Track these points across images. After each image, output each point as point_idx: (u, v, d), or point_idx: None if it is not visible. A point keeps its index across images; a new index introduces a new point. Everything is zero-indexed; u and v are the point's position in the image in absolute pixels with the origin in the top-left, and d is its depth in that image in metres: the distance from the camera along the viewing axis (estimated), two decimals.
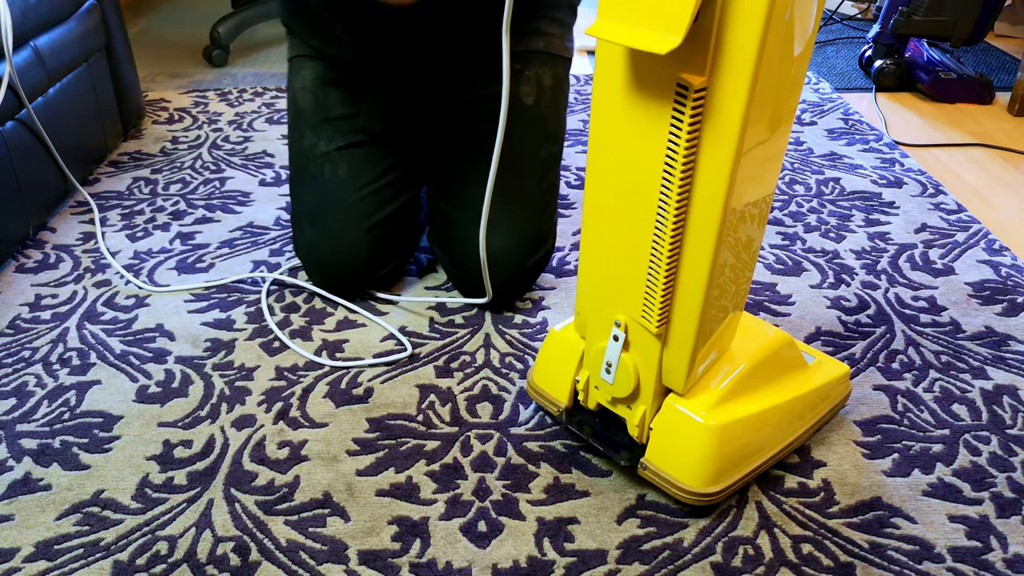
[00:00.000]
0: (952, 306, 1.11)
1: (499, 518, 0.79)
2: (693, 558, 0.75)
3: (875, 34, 1.87)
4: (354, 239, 1.07)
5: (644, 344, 0.75)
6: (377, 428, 0.89)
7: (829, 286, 1.15)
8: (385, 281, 1.13)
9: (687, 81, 0.59)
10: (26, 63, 1.21)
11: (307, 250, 1.10)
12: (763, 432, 0.80)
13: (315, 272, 1.11)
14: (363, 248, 1.07)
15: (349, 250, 1.07)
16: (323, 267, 1.09)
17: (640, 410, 0.79)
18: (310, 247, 1.09)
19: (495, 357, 1.00)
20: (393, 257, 1.12)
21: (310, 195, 1.09)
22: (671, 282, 0.69)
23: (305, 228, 1.09)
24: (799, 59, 0.63)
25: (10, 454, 0.85)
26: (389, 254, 1.11)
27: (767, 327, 0.85)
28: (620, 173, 0.67)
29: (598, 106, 0.67)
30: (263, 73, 1.99)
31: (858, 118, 1.70)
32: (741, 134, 0.59)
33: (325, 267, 1.09)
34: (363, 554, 0.75)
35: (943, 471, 0.84)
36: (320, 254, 1.08)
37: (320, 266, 1.09)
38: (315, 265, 1.10)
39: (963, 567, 0.74)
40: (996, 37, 2.23)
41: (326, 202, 1.07)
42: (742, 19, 0.55)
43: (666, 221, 0.65)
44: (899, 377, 0.97)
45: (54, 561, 0.74)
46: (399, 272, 1.17)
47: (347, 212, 1.07)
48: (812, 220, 1.32)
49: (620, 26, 0.58)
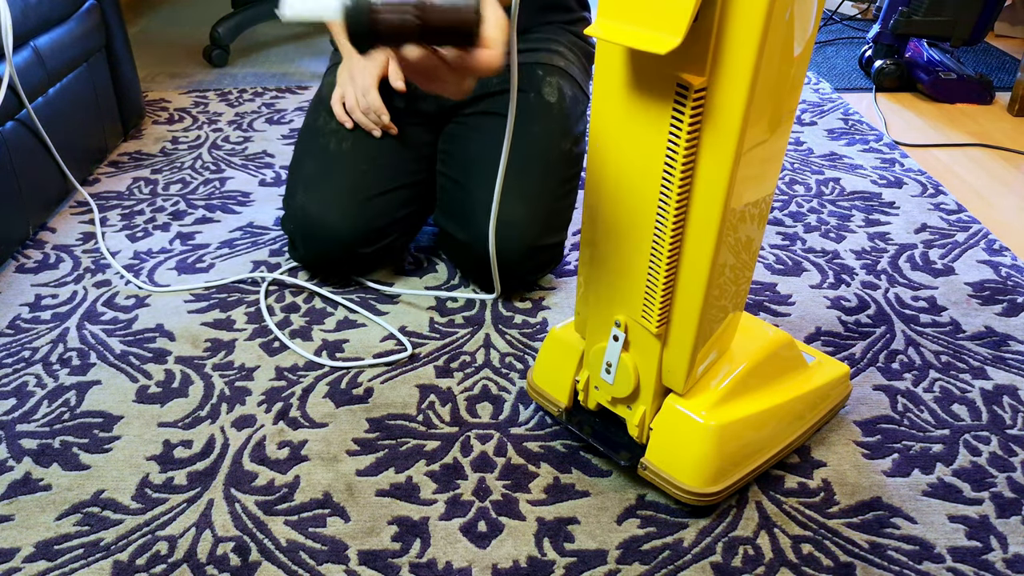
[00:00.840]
0: (952, 306, 1.11)
1: (499, 518, 0.79)
2: (693, 558, 0.75)
3: (875, 34, 1.87)
4: (346, 207, 1.05)
5: (644, 344, 0.75)
6: (377, 428, 0.89)
7: (829, 286, 1.15)
8: (372, 263, 1.12)
9: (687, 81, 0.59)
10: (26, 63, 1.21)
11: (295, 216, 1.08)
12: (763, 432, 0.80)
13: (300, 240, 1.09)
14: (353, 218, 1.05)
15: (338, 217, 1.05)
16: (308, 234, 1.07)
17: (640, 410, 0.79)
18: (299, 212, 1.07)
19: (495, 357, 1.00)
20: (383, 238, 1.10)
21: (310, 164, 1.09)
22: (671, 282, 0.69)
23: (298, 194, 1.08)
24: (799, 59, 0.63)
25: (10, 454, 0.85)
26: (379, 234, 1.09)
27: (767, 327, 0.85)
28: (620, 173, 0.67)
29: (598, 106, 0.67)
30: (263, 73, 1.99)
31: (858, 118, 1.70)
32: (741, 134, 0.59)
33: (310, 233, 1.07)
34: (363, 554, 0.75)
35: (943, 471, 0.84)
36: (307, 217, 1.06)
37: (306, 232, 1.07)
38: (301, 231, 1.08)
39: (963, 567, 0.74)
40: (996, 37, 2.23)
41: (326, 171, 1.07)
42: (742, 19, 0.55)
43: (666, 221, 0.65)
44: (899, 377, 0.97)
45: (54, 561, 0.74)
46: (389, 258, 1.15)
47: (346, 180, 1.06)
48: (812, 220, 1.32)
49: (620, 26, 0.58)
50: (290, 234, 1.11)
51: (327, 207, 1.06)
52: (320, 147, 1.10)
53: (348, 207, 1.06)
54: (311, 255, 1.10)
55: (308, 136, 1.12)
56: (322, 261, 1.09)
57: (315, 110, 1.14)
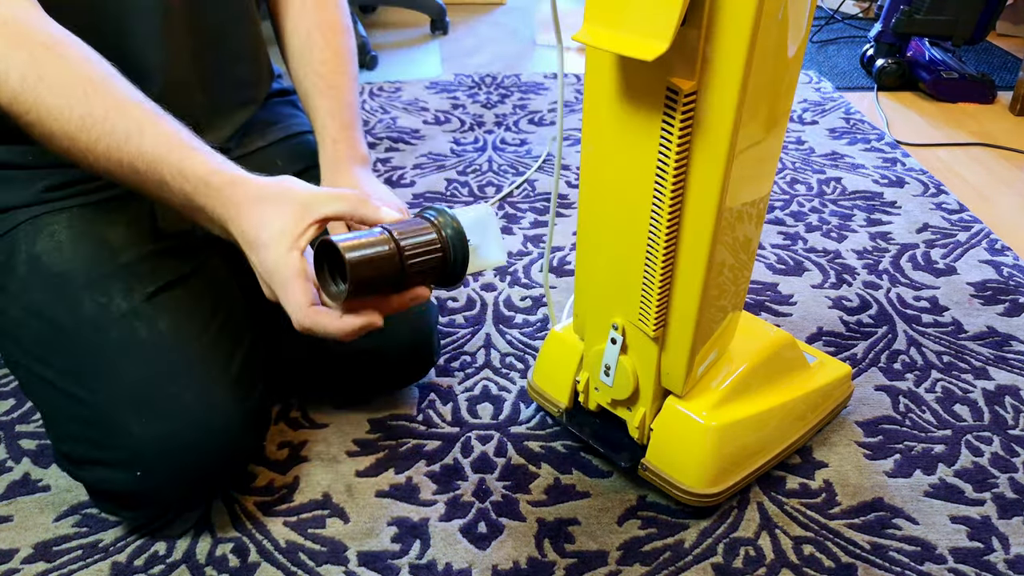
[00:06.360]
0: (954, 306, 1.10)
1: (499, 519, 0.78)
2: (694, 559, 0.75)
3: (877, 33, 1.86)
4: (220, 404, 0.72)
5: (642, 347, 0.74)
6: (377, 429, 0.89)
7: (831, 286, 1.14)
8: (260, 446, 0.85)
9: (677, 86, 0.58)
10: None
11: (137, 457, 0.69)
12: (764, 433, 0.80)
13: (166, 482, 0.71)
14: (234, 411, 0.73)
15: (219, 421, 0.71)
16: (179, 467, 0.70)
17: (640, 412, 0.78)
18: (145, 447, 0.69)
19: (495, 357, 1.00)
20: (269, 409, 0.83)
21: (123, 377, 0.70)
22: (667, 286, 0.69)
23: (130, 425, 0.69)
24: (793, 59, 0.63)
25: (9, 455, 0.85)
26: (265, 406, 0.80)
27: (768, 327, 0.85)
28: (613, 177, 0.67)
29: (589, 110, 0.66)
30: None
31: (860, 117, 1.70)
32: (733, 137, 0.59)
33: (182, 465, 0.70)
34: (362, 555, 0.75)
35: (945, 472, 0.84)
36: (169, 449, 0.69)
37: (174, 467, 0.70)
38: (166, 470, 0.70)
39: (965, 568, 0.74)
40: (998, 36, 2.23)
41: (156, 374, 0.70)
42: (730, 22, 0.54)
43: (660, 225, 0.65)
44: (901, 377, 0.97)
45: (53, 562, 0.74)
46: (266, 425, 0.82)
47: (196, 372, 0.72)
48: (813, 220, 1.31)
49: (607, 32, 0.57)
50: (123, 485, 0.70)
51: (195, 419, 0.70)
52: (119, 347, 0.70)
53: (224, 403, 0.72)
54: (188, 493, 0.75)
55: (82, 341, 0.70)
56: (205, 487, 0.76)
57: (60, 301, 0.71)
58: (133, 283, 0.73)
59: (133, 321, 0.71)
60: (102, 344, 0.70)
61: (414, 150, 1.52)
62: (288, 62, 0.84)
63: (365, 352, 0.84)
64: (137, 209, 0.75)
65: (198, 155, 0.61)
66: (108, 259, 0.73)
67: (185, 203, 0.62)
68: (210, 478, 0.74)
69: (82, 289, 0.71)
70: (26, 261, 0.72)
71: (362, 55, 1.90)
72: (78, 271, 0.72)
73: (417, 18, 2.31)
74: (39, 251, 0.72)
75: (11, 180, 0.73)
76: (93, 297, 0.71)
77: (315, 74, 0.81)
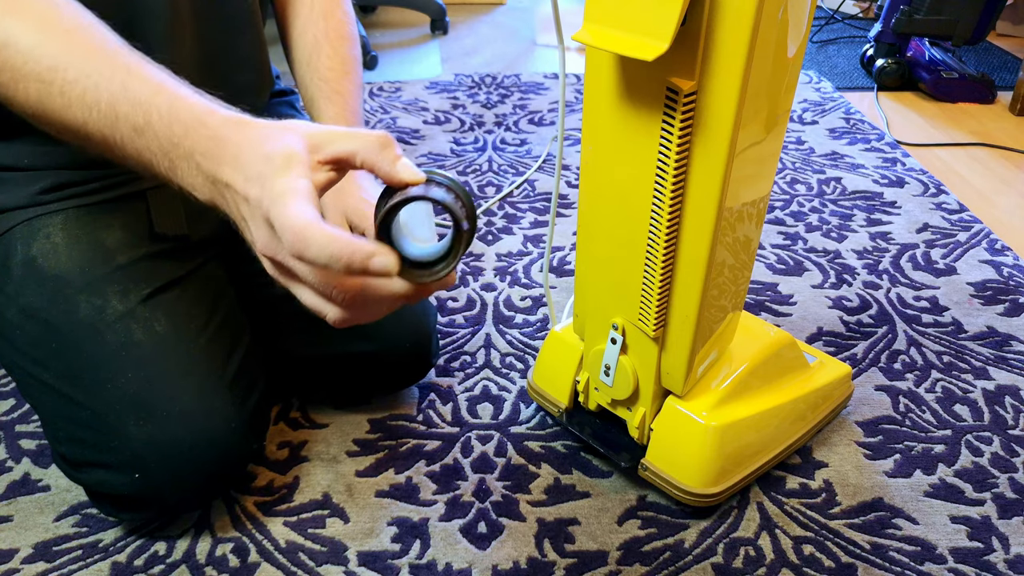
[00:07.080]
0: (954, 306, 1.10)
1: (499, 519, 0.78)
2: (694, 559, 0.75)
3: (877, 33, 1.86)
4: (219, 406, 0.72)
5: (642, 347, 0.74)
6: (377, 429, 0.89)
7: (831, 286, 1.14)
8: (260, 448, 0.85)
9: (677, 85, 0.58)
10: None
11: (135, 460, 0.69)
12: (764, 433, 0.80)
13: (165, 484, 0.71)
14: (233, 413, 0.73)
15: (217, 423, 0.71)
16: (177, 469, 0.70)
17: (640, 412, 0.78)
18: (143, 450, 0.69)
19: (495, 357, 1.00)
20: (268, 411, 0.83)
21: (121, 380, 0.70)
22: (667, 286, 0.69)
23: (128, 427, 0.69)
24: (793, 59, 0.63)
25: (9, 455, 0.85)
26: (265, 407, 0.80)
27: (768, 327, 0.85)
28: (613, 177, 0.67)
29: (589, 110, 0.66)
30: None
31: (860, 117, 1.70)
32: (733, 137, 0.59)
33: (181, 467, 0.70)
34: (362, 555, 0.75)
35: (945, 472, 0.84)
36: (167, 452, 0.69)
37: (172, 470, 0.70)
38: (164, 472, 0.70)
39: (965, 568, 0.74)
40: (998, 36, 2.22)
41: (154, 376, 0.70)
42: (730, 22, 0.54)
43: (660, 225, 0.65)
44: (901, 377, 0.97)
45: (53, 562, 0.74)
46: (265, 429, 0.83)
47: (194, 374, 0.72)
48: (813, 220, 1.31)
49: (606, 31, 0.57)
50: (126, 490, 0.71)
51: (194, 423, 0.70)
52: (115, 350, 0.70)
53: (224, 406, 0.72)
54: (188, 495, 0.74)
55: (79, 344, 0.70)
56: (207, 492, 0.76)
57: (55, 303, 0.71)
58: (129, 285, 0.72)
59: (130, 323, 0.71)
60: (99, 346, 0.70)
61: (414, 150, 1.52)
62: (294, 67, 0.85)
63: (364, 353, 0.85)
64: (133, 212, 0.75)
65: (191, 95, 0.53)
66: (104, 261, 0.72)
67: (167, 151, 0.52)
68: (209, 480, 0.73)
69: (78, 292, 0.71)
70: (22, 263, 0.71)
71: (362, 55, 1.90)
72: (74, 273, 0.71)
73: (417, 18, 2.31)
74: (35, 253, 0.71)
75: (6, 182, 0.72)
76: (89, 299, 0.71)
77: (321, 80, 0.82)
